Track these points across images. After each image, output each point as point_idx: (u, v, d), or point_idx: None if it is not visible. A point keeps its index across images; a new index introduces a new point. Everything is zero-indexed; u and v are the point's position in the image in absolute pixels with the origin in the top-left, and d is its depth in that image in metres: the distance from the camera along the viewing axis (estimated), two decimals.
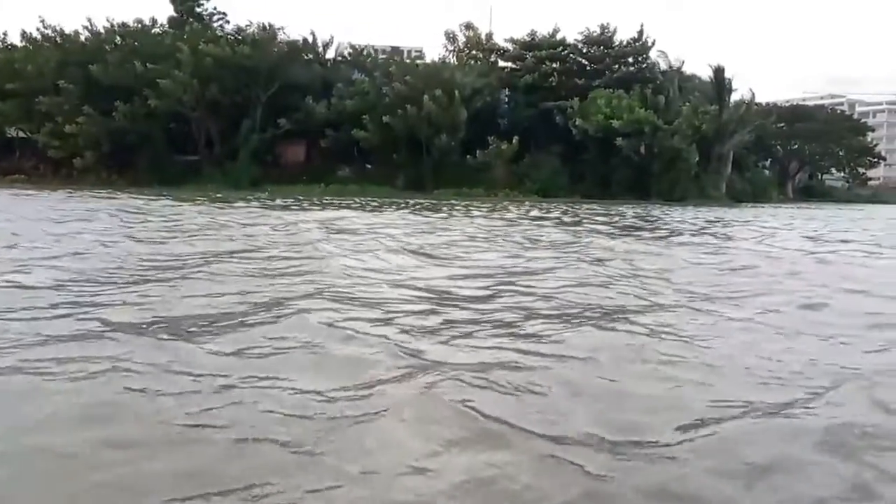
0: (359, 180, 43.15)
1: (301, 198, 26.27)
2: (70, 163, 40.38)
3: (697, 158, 42.87)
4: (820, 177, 70.94)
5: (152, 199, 18.95)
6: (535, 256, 7.43)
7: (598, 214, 19.45)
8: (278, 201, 21.38)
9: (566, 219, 16.64)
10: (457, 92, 41.13)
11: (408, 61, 45.66)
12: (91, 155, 39.81)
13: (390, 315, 4.06)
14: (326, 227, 9.24)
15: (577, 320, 4.12)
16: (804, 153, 64.17)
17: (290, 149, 45.56)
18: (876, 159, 68.39)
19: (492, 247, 8.45)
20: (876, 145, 71.26)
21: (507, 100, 47.08)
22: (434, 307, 4.39)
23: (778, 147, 61.80)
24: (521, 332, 3.76)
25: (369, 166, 45.11)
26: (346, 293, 4.73)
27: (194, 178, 40.85)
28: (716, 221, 17.18)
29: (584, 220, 15.82)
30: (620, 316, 4.26)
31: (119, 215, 12.21)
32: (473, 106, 42.46)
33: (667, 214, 20.51)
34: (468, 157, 42.67)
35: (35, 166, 42.54)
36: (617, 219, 17.24)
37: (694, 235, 12.04)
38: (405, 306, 4.39)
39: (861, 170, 69.01)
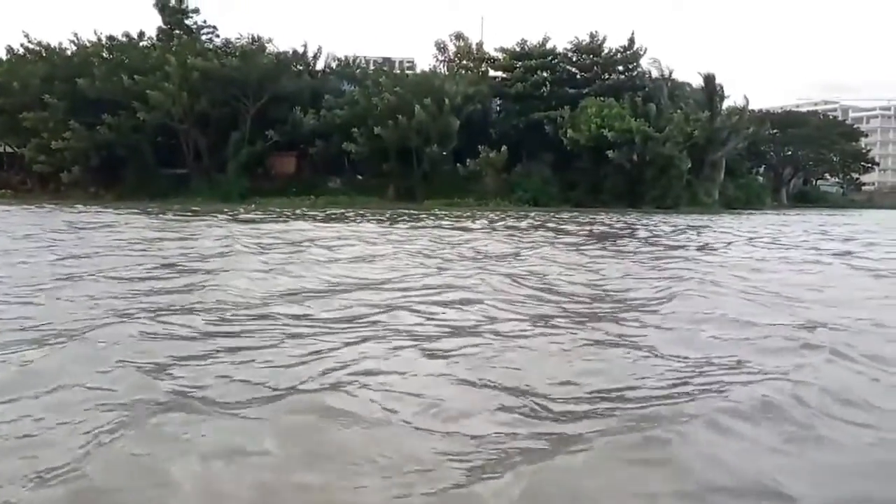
0: (349, 191, 42.89)
1: (279, 210, 25.90)
2: (57, 177, 40.15)
3: (689, 165, 42.66)
4: (814, 182, 71.00)
5: (120, 213, 18.58)
6: (456, 272, 6.98)
7: (574, 223, 19.13)
8: (253, 214, 21.02)
9: (534, 230, 16.24)
10: (447, 101, 40.98)
11: (397, 72, 45.40)
12: (78, 169, 39.53)
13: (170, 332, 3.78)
14: (261, 243, 8.82)
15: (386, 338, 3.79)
16: (798, 159, 64.20)
17: (281, 160, 45.32)
18: (869, 164, 68.39)
19: (414, 262, 8.01)
20: (869, 150, 71.38)
21: (497, 109, 46.93)
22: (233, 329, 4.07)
23: (771, 153, 61.76)
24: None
25: (360, 177, 44.88)
26: (196, 309, 4.48)
27: (183, 192, 40.60)
28: (689, 229, 16.99)
29: (555, 230, 15.42)
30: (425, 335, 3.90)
31: (65, 229, 11.85)
32: (464, 115, 42.30)
33: (647, 223, 20.17)
34: (458, 165, 42.50)
35: (22, 181, 42.30)
36: (588, 228, 16.87)
37: (644, 244, 11.74)
38: (211, 327, 4.07)
39: (855, 175, 69.01)
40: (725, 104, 48.42)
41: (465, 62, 48.68)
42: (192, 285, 5.63)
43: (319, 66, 45.64)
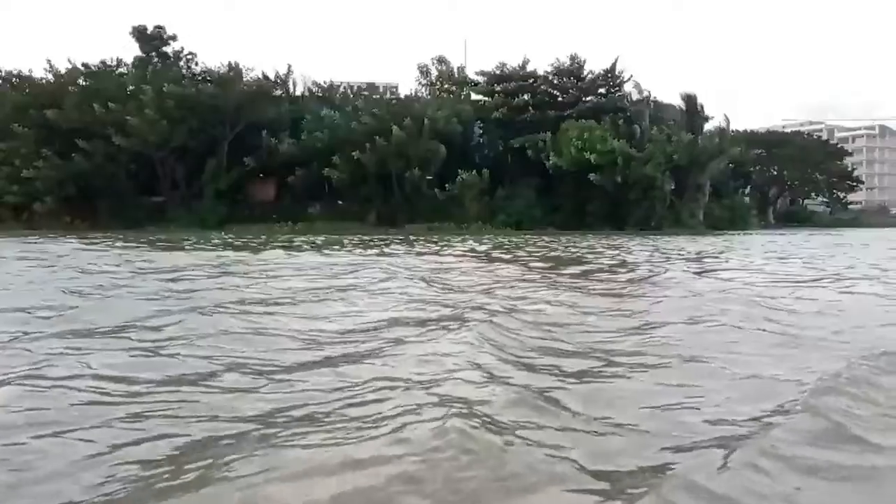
0: (329, 217, 42.35)
1: (244, 238, 25.18)
2: (31, 208, 39.44)
3: (673, 187, 42.42)
4: (801, 202, 70.97)
5: (68, 242, 17.83)
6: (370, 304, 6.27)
7: (540, 247, 18.51)
8: (213, 241, 20.30)
9: (493, 252, 15.55)
10: (426, 121, 40.72)
11: (376, 97, 45.18)
12: (51, 199, 38.84)
13: None
14: (175, 275, 8.13)
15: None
16: (783, 179, 64.24)
17: (260, 187, 44.84)
18: (855, 183, 68.51)
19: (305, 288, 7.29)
20: (854, 170, 71.60)
21: (479, 133, 46.71)
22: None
23: (756, 174, 61.72)
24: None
25: (341, 203, 44.34)
26: None
27: (159, 220, 39.99)
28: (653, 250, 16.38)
29: (514, 254, 14.71)
30: None
31: None
32: (445, 139, 42.01)
33: (616, 245, 19.55)
34: (436, 190, 42.09)
35: None
36: (543, 251, 16.20)
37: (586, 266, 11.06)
38: None
39: (841, 194, 69.08)
40: (709, 125, 48.49)
41: (446, 86, 48.59)
42: None
43: (299, 91, 45.35)
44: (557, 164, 41.02)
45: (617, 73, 45.84)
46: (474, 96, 46.97)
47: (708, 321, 4.87)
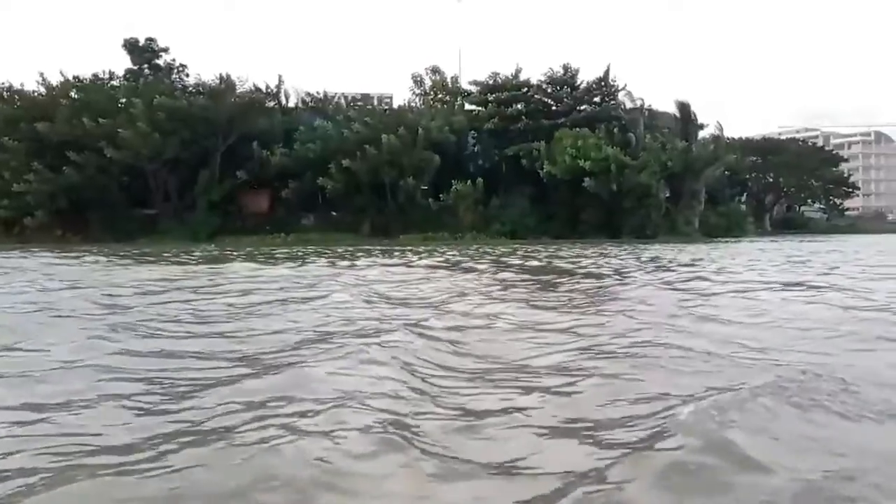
0: (323, 228, 42.12)
1: (229, 250, 24.90)
2: (22, 221, 39.15)
3: (668, 194, 42.29)
4: (798, 209, 70.90)
5: (42, 256, 17.55)
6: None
7: (523, 256, 18.27)
8: (195, 253, 20.00)
9: (471, 262, 15.24)
10: (420, 130, 40.61)
11: (370, 107, 45.05)
12: (42, 213, 38.56)
13: None
14: (122, 290, 7.83)
15: None
16: (779, 185, 64.16)
17: (254, 199, 44.58)
18: (850, 189, 68.41)
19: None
20: (849, 176, 71.57)
21: (473, 142, 46.59)
22: None
23: (752, 181, 61.67)
24: None
25: (335, 213, 44.12)
26: None
27: (152, 232, 39.72)
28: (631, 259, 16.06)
29: (491, 264, 14.40)
30: None
31: None
32: (439, 149, 41.90)
33: (602, 254, 19.27)
34: (430, 200, 41.91)
35: None
36: (524, 261, 15.91)
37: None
38: None
39: (837, 200, 69.00)
40: (704, 132, 48.47)
41: (440, 95, 48.50)
42: None
43: (292, 102, 45.22)
44: (552, 173, 40.88)
45: (610, 80, 45.79)
46: (468, 106, 46.85)
47: (636, 337, 4.58)
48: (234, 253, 20.82)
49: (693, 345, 4.21)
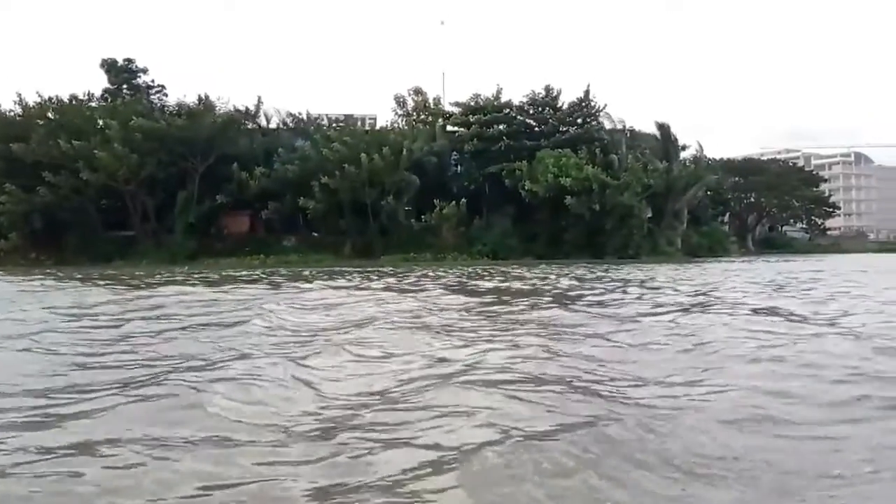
0: (304, 250, 41.71)
1: (196, 272, 24.42)
2: None
3: (650, 215, 42.33)
4: (780, 228, 71.42)
5: None
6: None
7: (489, 276, 18.04)
8: (158, 276, 19.51)
9: (429, 283, 14.93)
10: (404, 152, 40.49)
11: (351, 127, 44.86)
12: (16, 235, 37.89)
13: None
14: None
15: None
16: (761, 205, 64.63)
17: (234, 220, 44.13)
18: (831, 209, 69.04)
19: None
20: (830, 195, 72.28)
21: (455, 163, 46.56)
22: None
23: (734, 201, 62.10)
24: None
25: (316, 234, 43.74)
26: None
27: (129, 254, 39.11)
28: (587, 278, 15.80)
29: (456, 283, 14.11)
30: None
31: None
32: (421, 168, 41.80)
33: (565, 274, 19.05)
34: (413, 221, 41.70)
35: None
36: (482, 281, 15.65)
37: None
38: None
39: (818, 220, 69.59)
40: (685, 153, 48.76)
41: (422, 116, 48.49)
42: None
43: (273, 124, 44.98)
44: (533, 191, 40.78)
45: (591, 100, 45.95)
46: (450, 127, 46.87)
47: (524, 365, 4.30)
48: (196, 275, 20.34)
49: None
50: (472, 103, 45.22)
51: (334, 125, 45.49)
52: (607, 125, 46.48)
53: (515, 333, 5.92)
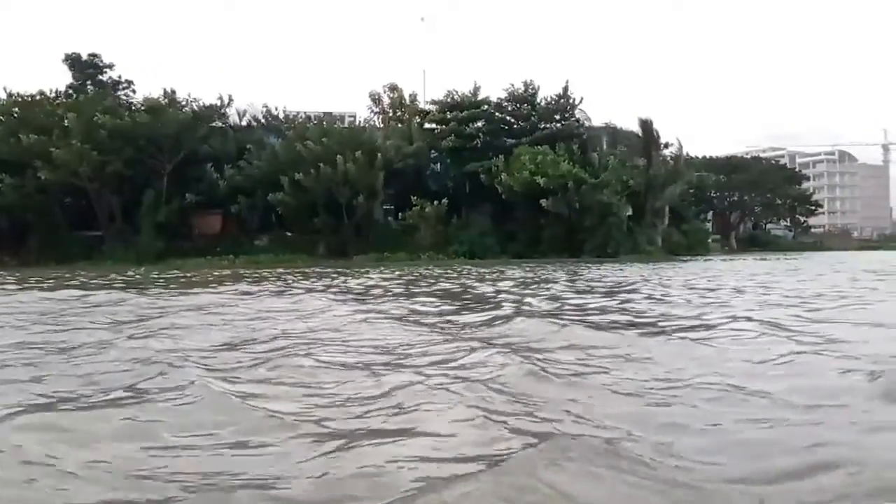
0: (276, 249, 40.65)
1: (153, 274, 23.43)
2: None
3: (630, 213, 41.61)
4: (764, 226, 71.13)
5: None
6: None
7: (447, 275, 17.22)
8: (109, 277, 18.54)
9: (378, 290, 13.84)
10: (379, 155, 39.57)
11: (325, 125, 43.80)
12: None
13: None
14: None
15: None
16: (745, 204, 64.26)
17: (205, 220, 42.97)
18: (814, 207, 68.84)
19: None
20: (812, 194, 72.18)
21: (433, 160, 45.70)
22: None
23: (717, 199, 61.69)
24: None
25: (289, 234, 42.70)
26: None
27: (95, 255, 37.95)
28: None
29: (391, 287, 13.13)
30: None
31: None
32: (398, 168, 40.91)
33: (534, 276, 18.18)
34: (390, 219, 40.82)
35: None
36: (435, 282, 14.80)
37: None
38: None
39: (801, 218, 69.40)
40: (667, 151, 48.05)
41: (398, 113, 47.58)
42: None
43: (245, 121, 43.86)
44: (508, 184, 39.94)
45: (569, 95, 45.18)
46: (428, 125, 46.00)
47: (435, 377, 3.55)
48: (153, 276, 19.37)
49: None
50: (449, 100, 44.34)
51: (308, 124, 44.36)
52: (586, 122, 45.78)
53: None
